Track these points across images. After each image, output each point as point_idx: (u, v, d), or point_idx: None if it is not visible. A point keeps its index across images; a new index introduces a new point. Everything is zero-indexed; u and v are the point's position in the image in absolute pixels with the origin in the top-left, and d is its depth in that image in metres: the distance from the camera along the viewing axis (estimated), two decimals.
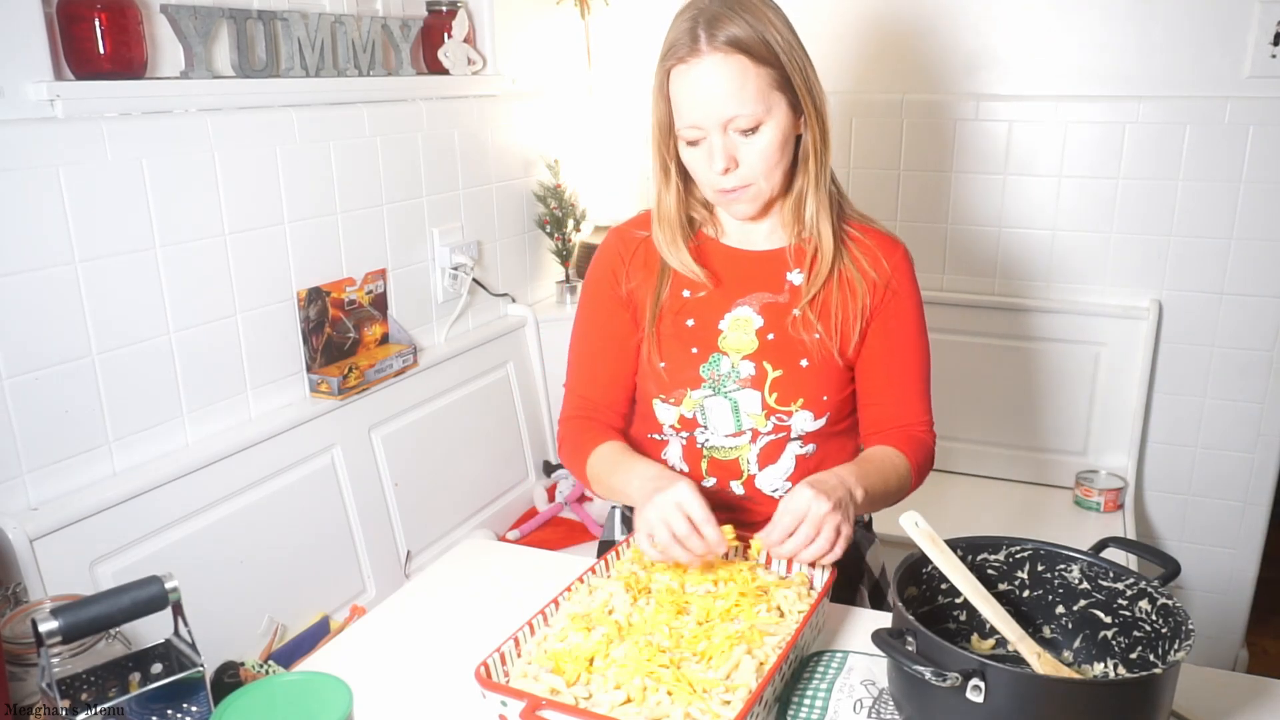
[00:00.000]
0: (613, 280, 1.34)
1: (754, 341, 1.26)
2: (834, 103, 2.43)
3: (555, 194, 2.47)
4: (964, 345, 2.44)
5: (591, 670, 0.98)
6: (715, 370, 1.26)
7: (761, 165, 1.19)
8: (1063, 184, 2.30)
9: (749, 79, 1.15)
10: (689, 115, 1.18)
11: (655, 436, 1.34)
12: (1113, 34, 2.21)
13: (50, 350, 1.41)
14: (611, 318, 1.34)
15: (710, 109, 1.16)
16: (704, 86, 1.16)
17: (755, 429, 1.27)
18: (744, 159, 1.19)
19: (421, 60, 2.17)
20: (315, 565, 1.77)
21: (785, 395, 1.25)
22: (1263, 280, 2.18)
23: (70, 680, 0.90)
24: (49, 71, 1.40)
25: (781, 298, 1.28)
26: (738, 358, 1.26)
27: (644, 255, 1.33)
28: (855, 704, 1.02)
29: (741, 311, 1.28)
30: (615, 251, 1.35)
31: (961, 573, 1.01)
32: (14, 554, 1.32)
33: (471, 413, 2.23)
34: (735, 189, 1.21)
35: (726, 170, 1.18)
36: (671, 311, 1.30)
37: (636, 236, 1.35)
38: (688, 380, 1.27)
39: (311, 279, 1.83)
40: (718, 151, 1.17)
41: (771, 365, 1.25)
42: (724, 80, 1.14)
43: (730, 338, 1.27)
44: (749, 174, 1.20)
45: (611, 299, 1.34)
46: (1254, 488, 2.30)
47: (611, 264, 1.34)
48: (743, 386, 1.26)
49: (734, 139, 1.18)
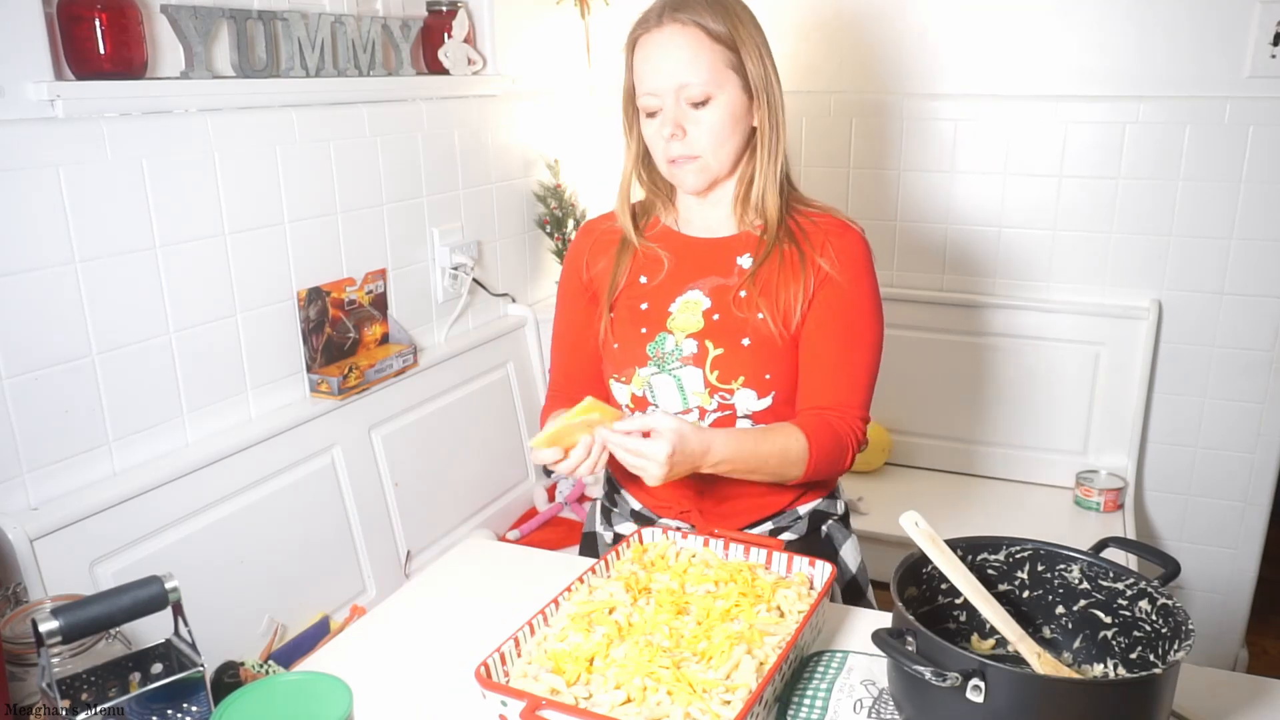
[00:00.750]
0: (576, 272, 1.42)
1: (700, 321, 1.31)
2: (833, 103, 2.45)
3: (555, 194, 2.47)
4: (964, 345, 2.44)
5: (591, 670, 0.98)
6: (660, 349, 1.31)
7: (708, 139, 1.26)
8: (1063, 184, 2.30)
9: (702, 51, 1.23)
10: (646, 81, 1.26)
11: None
12: (1113, 34, 2.21)
13: (50, 350, 1.41)
14: (577, 309, 1.42)
15: (664, 76, 1.24)
16: (660, 54, 1.24)
17: (702, 407, 1.30)
18: (692, 131, 1.26)
19: (421, 60, 2.17)
20: (315, 565, 1.77)
21: (726, 373, 1.28)
22: (1263, 280, 2.18)
23: (70, 680, 0.90)
24: (49, 71, 1.40)
25: (730, 280, 1.32)
26: (682, 336, 1.31)
27: (606, 241, 1.40)
28: (855, 704, 1.02)
29: (692, 294, 1.33)
30: (582, 243, 1.44)
31: (961, 573, 1.01)
32: (14, 554, 1.32)
33: (471, 413, 2.23)
34: (680, 158, 1.27)
35: (673, 135, 1.25)
36: (627, 296, 1.36)
37: (602, 227, 1.43)
38: (635, 359, 1.32)
39: (311, 279, 1.83)
40: (668, 118, 1.26)
41: (713, 343, 1.29)
42: (678, 48, 1.23)
43: (678, 318, 1.32)
44: (696, 145, 1.26)
45: (577, 289, 1.42)
46: (1254, 488, 2.30)
47: (576, 256, 1.43)
48: (685, 364, 1.29)
49: (684, 109, 1.25)
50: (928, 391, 2.48)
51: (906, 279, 2.48)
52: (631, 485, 1.43)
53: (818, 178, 2.50)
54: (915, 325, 2.43)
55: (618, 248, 1.38)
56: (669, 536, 1.22)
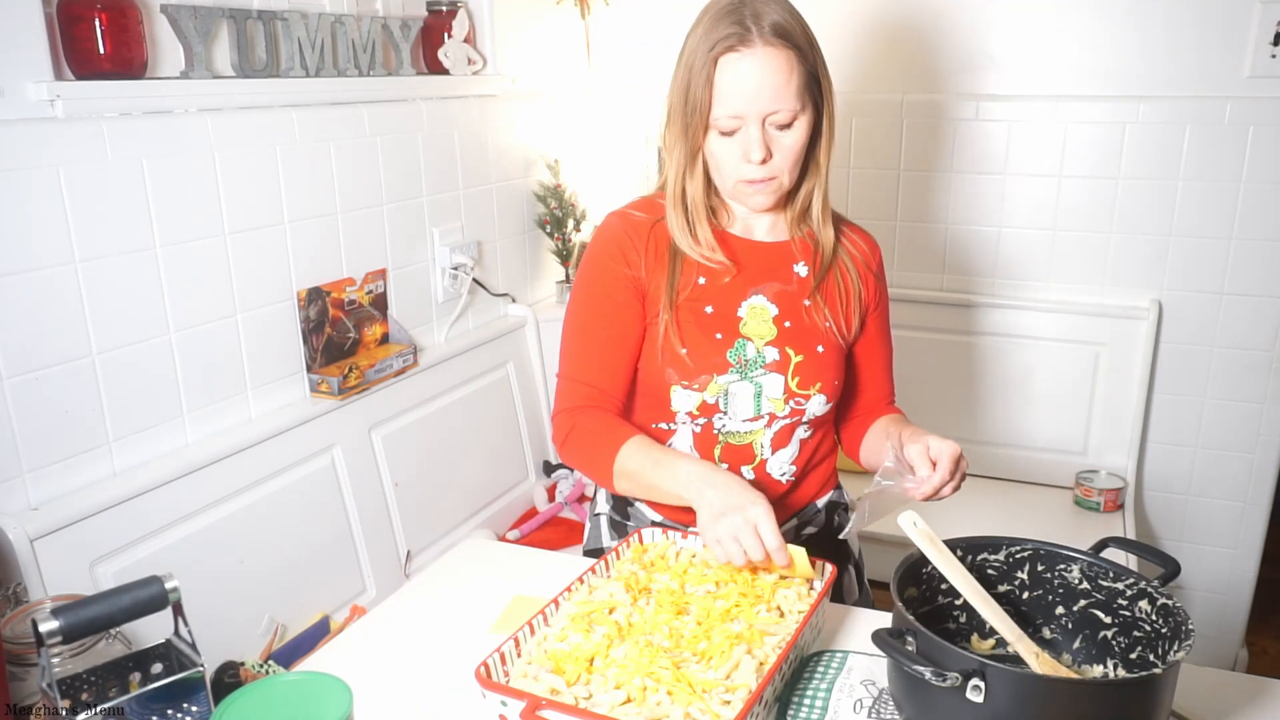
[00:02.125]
0: (622, 261, 1.29)
1: (773, 329, 1.29)
2: (834, 102, 2.44)
3: (555, 194, 2.47)
4: (964, 345, 2.44)
5: (591, 670, 0.98)
6: (742, 355, 1.28)
7: (790, 160, 1.23)
8: (1063, 184, 2.30)
9: (795, 74, 1.18)
10: (733, 104, 1.18)
11: (663, 425, 1.32)
12: (1113, 34, 2.21)
13: (50, 350, 1.41)
14: (621, 302, 1.28)
15: (757, 100, 1.17)
16: (755, 78, 1.17)
17: (773, 413, 1.29)
18: (775, 152, 1.21)
19: (421, 60, 2.17)
20: (315, 565, 1.77)
21: (805, 380, 1.29)
22: (1263, 280, 2.18)
23: (70, 680, 0.90)
24: (49, 71, 1.40)
25: (791, 287, 1.31)
26: (761, 343, 1.29)
27: (654, 240, 1.30)
28: (855, 704, 1.02)
29: (756, 300, 1.30)
30: (623, 234, 1.30)
31: (959, 572, 1.01)
32: (14, 554, 1.32)
33: (471, 413, 2.23)
34: (762, 180, 1.23)
35: (764, 160, 1.20)
36: (688, 298, 1.28)
37: (643, 220, 1.31)
38: (714, 366, 1.27)
39: (311, 279, 1.83)
40: (756, 143, 1.19)
41: (794, 350, 1.29)
42: (775, 73, 1.17)
43: (750, 324, 1.29)
44: (777, 167, 1.23)
45: (622, 280, 1.28)
46: (1254, 488, 2.29)
47: (621, 245, 1.29)
48: (768, 371, 1.28)
49: (770, 132, 1.20)
50: (928, 391, 2.48)
51: (906, 279, 2.48)
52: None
53: None
54: (915, 325, 2.43)
55: (670, 246, 1.29)
56: (669, 536, 1.22)
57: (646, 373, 1.30)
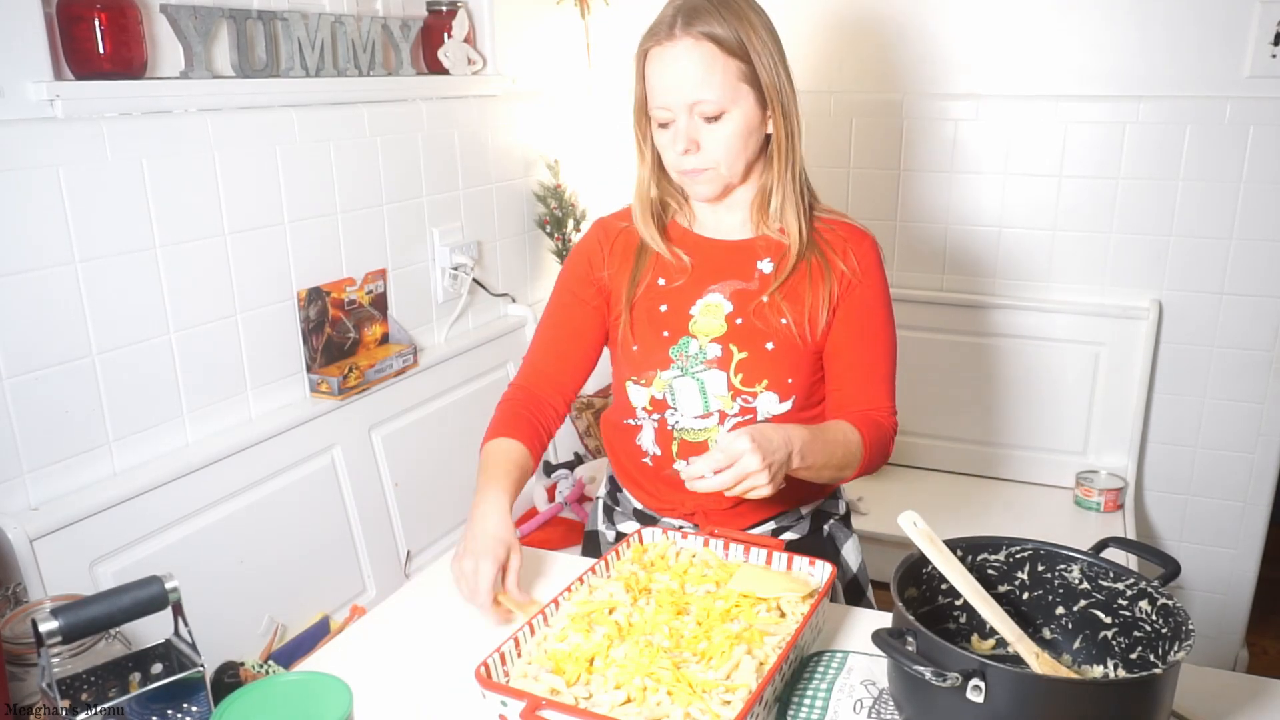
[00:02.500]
0: (588, 264, 1.39)
1: (722, 325, 1.30)
2: (834, 103, 2.45)
3: (555, 194, 2.47)
4: (964, 345, 2.44)
5: (591, 670, 0.98)
6: (684, 352, 1.30)
7: (722, 152, 1.25)
8: (1063, 184, 2.30)
9: (716, 67, 1.21)
10: (659, 96, 1.25)
11: (630, 421, 1.37)
12: (1113, 34, 2.21)
13: (50, 350, 1.41)
14: (580, 301, 1.38)
15: (677, 92, 1.22)
16: (673, 70, 1.22)
17: (723, 410, 1.29)
18: (706, 144, 1.25)
19: (421, 60, 2.17)
20: (315, 565, 1.77)
21: (750, 376, 1.28)
22: (1263, 280, 2.18)
23: (70, 680, 0.90)
24: (49, 71, 1.40)
25: (751, 285, 1.32)
26: (705, 340, 1.30)
27: (623, 242, 1.38)
28: (855, 704, 1.02)
29: (712, 298, 1.32)
30: (596, 239, 1.40)
31: (959, 572, 1.01)
32: (14, 554, 1.32)
33: (471, 413, 2.23)
34: (694, 170, 1.27)
35: (686, 151, 1.25)
36: (646, 298, 1.34)
37: (618, 226, 1.40)
38: (657, 362, 1.31)
39: (311, 279, 1.83)
40: (681, 133, 1.24)
41: (737, 347, 1.29)
42: (692, 65, 1.21)
43: (700, 322, 1.31)
44: (709, 159, 1.26)
45: (585, 281, 1.38)
46: (1254, 488, 2.30)
47: (590, 251, 1.40)
48: (709, 367, 1.29)
49: (698, 123, 1.24)
50: (928, 392, 2.48)
51: (907, 279, 2.48)
52: (633, 485, 1.42)
53: (818, 178, 2.47)
54: (915, 325, 2.43)
55: (637, 249, 1.36)
56: (669, 536, 1.23)
57: (614, 371, 1.38)
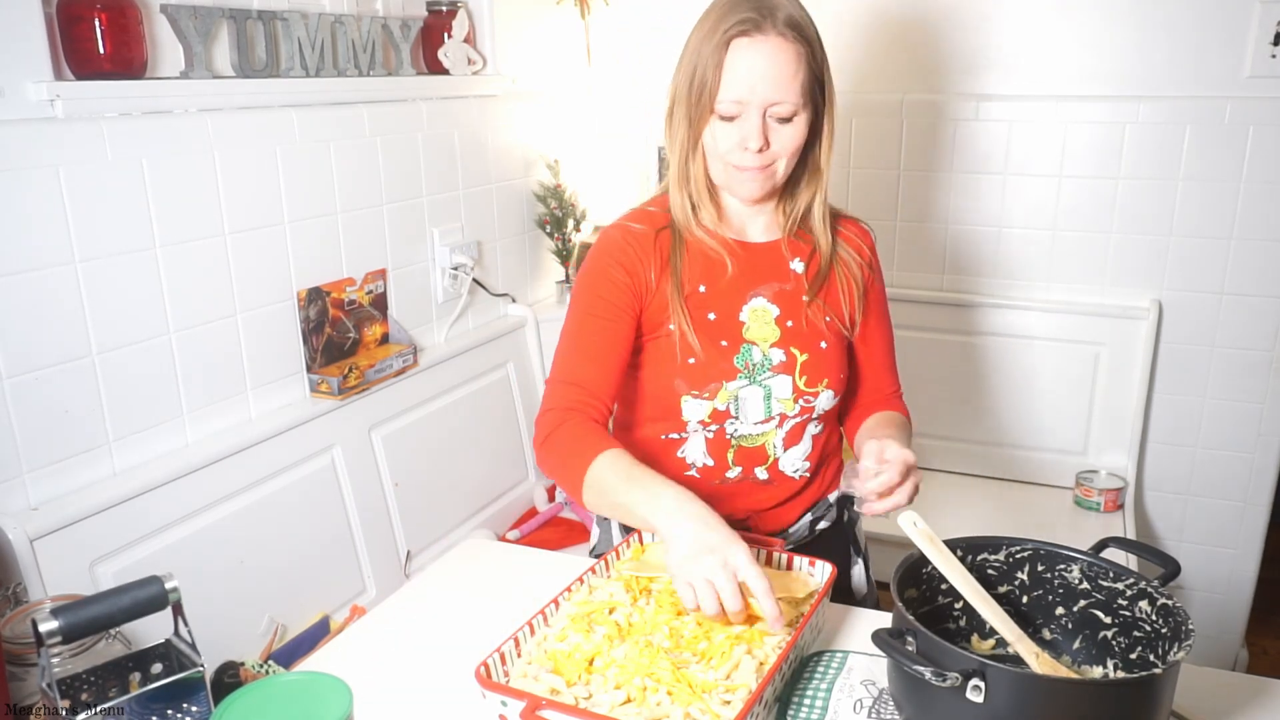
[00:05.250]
0: (626, 270, 1.27)
1: (776, 330, 1.30)
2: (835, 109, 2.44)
3: (555, 194, 2.47)
4: (964, 345, 2.44)
5: (591, 670, 0.98)
6: (749, 360, 1.28)
7: (787, 153, 1.24)
8: (1063, 184, 2.30)
9: (801, 68, 1.19)
10: (738, 89, 1.19)
11: (673, 435, 1.31)
12: (1113, 34, 2.21)
13: (50, 350, 1.41)
14: (620, 309, 1.27)
15: (763, 88, 1.18)
16: (763, 65, 1.18)
17: (783, 413, 1.30)
18: (773, 144, 1.23)
19: (421, 60, 2.17)
20: (315, 565, 1.77)
21: (813, 378, 1.30)
22: (1263, 280, 2.18)
23: (70, 680, 0.90)
24: (49, 71, 1.40)
25: (788, 286, 1.32)
26: (766, 346, 1.29)
27: (659, 249, 1.29)
28: (855, 704, 1.02)
29: (757, 302, 1.30)
30: (625, 244, 1.29)
31: (959, 572, 1.01)
32: (14, 554, 1.32)
33: (471, 413, 2.23)
34: (755, 168, 1.23)
35: (761, 150, 1.21)
36: (691, 305, 1.28)
37: (644, 231, 1.30)
38: (721, 373, 1.26)
39: (311, 279, 1.83)
40: (755, 131, 1.20)
41: (799, 350, 1.29)
42: (783, 64, 1.18)
43: (753, 328, 1.30)
44: (773, 155, 1.24)
45: (620, 288, 1.27)
46: (1254, 488, 2.29)
47: (624, 254, 1.28)
48: (775, 374, 1.29)
49: (770, 122, 1.21)
50: (927, 392, 2.48)
51: (906, 279, 2.48)
52: None
53: None
54: (915, 325, 2.43)
55: (669, 256, 1.29)
56: None
57: (654, 385, 1.29)
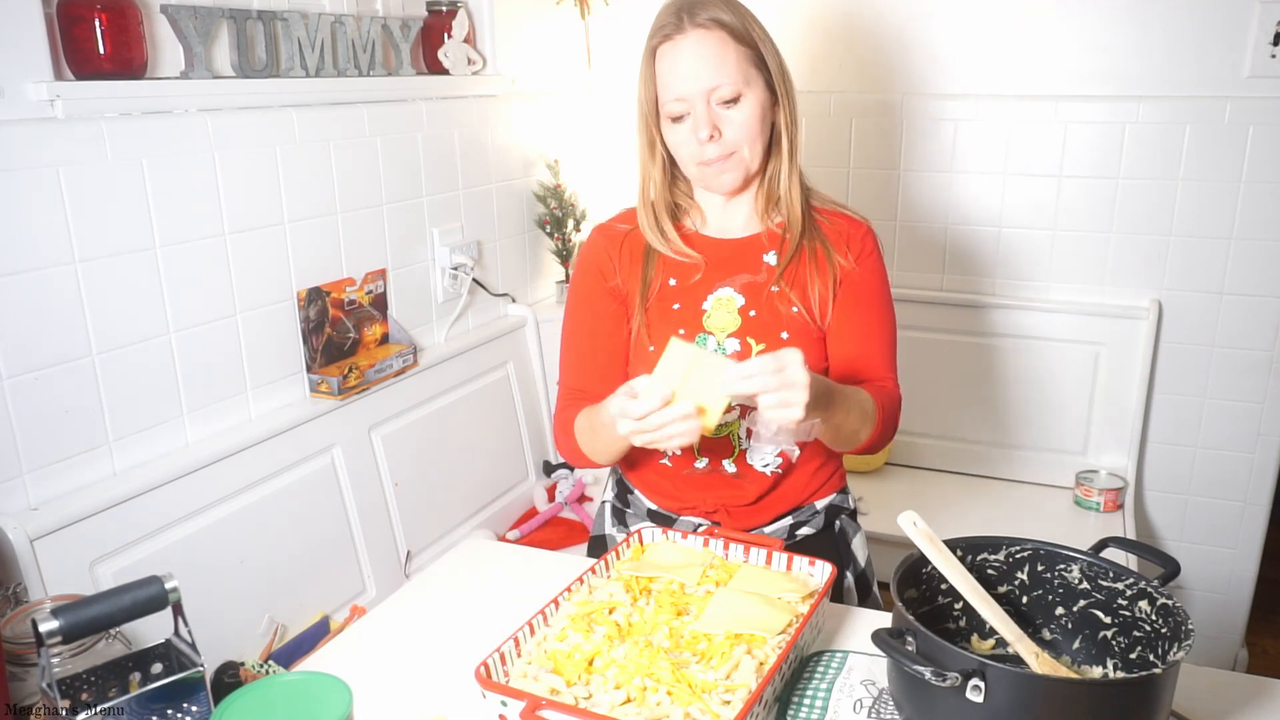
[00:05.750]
0: (600, 274, 1.38)
1: (736, 319, 1.31)
2: (833, 103, 2.45)
3: (555, 194, 2.47)
4: (964, 345, 2.44)
5: (591, 670, 0.98)
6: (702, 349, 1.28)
7: (744, 135, 1.26)
8: (1063, 184, 2.30)
9: (729, 51, 1.23)
10: (674, 88, 1.25)
11: None
12: (1113, 34, 2.21)
13: (50, 350, 1.41)
14: (602, 312, 1.37)
15: (694, 80, 1.23)
16: (687, 59, 1.24)
17: (744, 404, 1.29)
18: (726, 130, 1.25)
19: (421, 60, 2.17)
20: (315, 565, 1.77)
21: None
22: (1263, 280, 2.18)
23: (70, 680, 0.90)
24: (49, 71, 1.40)
25: (759, 277, 1.33)
26: (723, 335, 1.31)
27: (629, 247, 1.38)
28: (855, 704, 1.02)
29: (723, 292, 1.32)
30: (601, 247, 1.39)
31: (959, 572, 1.01)
32: (14, 554, 1.32)
33: (471, 413, 2.23)
34: (718, 159, 1.26)
35: (711, 137, 1.24)
36: (658, 298, 1.34)
37: (620, 230, 1.40)
38: None
39: (311, 279, 1.83)
40: (702, 120, 1.24)
41: (754, 340, 1.30)
42: (706, 51, 1.23)
43: (714, 317, 1.31)
44: (731, 143, 1.26)
45: (601, 292, 1.37)
46: (1254, 488, 2.29)
47: (598, 259, 1.38)
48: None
49: (716, 110, 1.25)
50: (928, 391, 2.48)
51: (907, 279, 2.48)
52: (646, 487, 1.42)
53: (818, 178, 2.46)
54: (915, 325, 2.43)
55: (644, 252, 1.36)
56: (669, 537, 1.23)
57: (631, 373, 1.36)
